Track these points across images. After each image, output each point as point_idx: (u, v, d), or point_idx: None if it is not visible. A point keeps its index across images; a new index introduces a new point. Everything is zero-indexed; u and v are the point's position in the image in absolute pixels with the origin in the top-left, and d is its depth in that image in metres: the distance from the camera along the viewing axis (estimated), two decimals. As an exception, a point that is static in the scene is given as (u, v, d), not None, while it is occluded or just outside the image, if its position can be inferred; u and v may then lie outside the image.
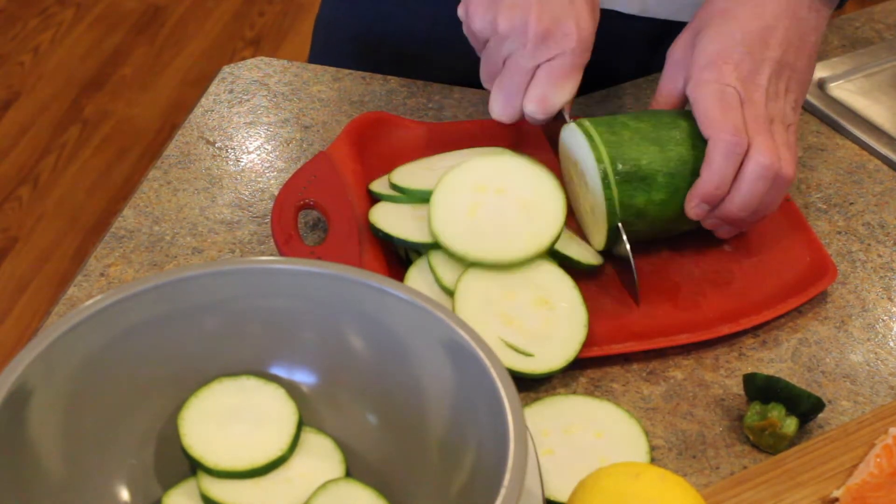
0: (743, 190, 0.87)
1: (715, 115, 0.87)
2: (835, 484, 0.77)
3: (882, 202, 1.01)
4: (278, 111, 1.07)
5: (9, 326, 2.17)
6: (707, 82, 0.89)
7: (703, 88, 0.89)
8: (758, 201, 0.88)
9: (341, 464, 0.73)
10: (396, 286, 0.70)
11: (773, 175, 0.87)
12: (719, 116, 0.87)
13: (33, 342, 0.66)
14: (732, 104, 0.88)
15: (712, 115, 0.87)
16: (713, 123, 0.87)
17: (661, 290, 0.91)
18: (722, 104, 0.88)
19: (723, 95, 0.88)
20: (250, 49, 2.80)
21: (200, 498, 0.71)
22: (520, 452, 0.62)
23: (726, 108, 0.88)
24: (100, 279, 0.91)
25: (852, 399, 0.85)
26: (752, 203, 0.88)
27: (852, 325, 0.91)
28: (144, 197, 0.98)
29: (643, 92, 1.11)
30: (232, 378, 0.74)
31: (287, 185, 0.92)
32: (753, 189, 0.87)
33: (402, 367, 0.72)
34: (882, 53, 1.16)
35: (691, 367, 0.87)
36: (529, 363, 0.82)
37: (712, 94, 0.88)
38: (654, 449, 0.81)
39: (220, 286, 0.72)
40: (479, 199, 0.87)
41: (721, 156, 0.86)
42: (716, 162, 0.87)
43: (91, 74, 2.72)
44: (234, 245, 0.94)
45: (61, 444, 0.68)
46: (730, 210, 0.88)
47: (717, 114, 0.87)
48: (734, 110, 0.88)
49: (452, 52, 1.03)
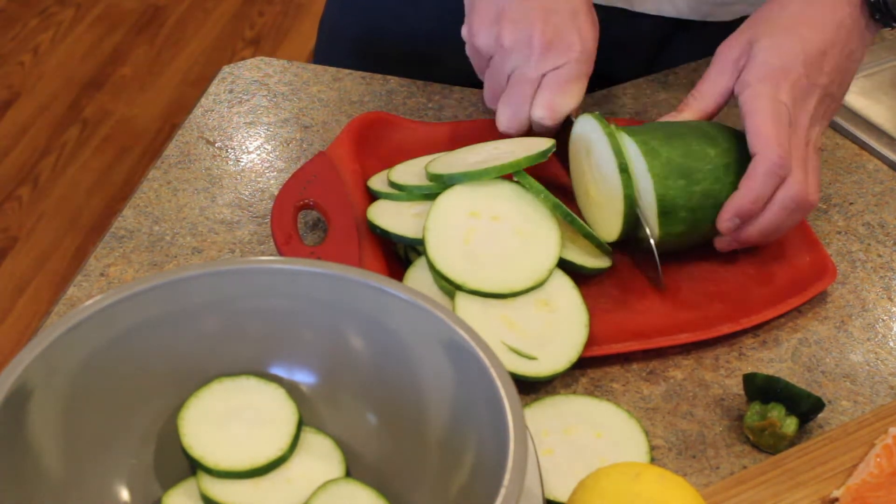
0: (768, 216, 0.88)
1: (768, 132, 0.87)
2: (835, 484, 0.77)
3: (882, 202, 1.01)
4: (278, 111, 1.07)
5: (9, 326, 2.17)
6: (763, 96, 0.88)
7: (760, 101, 0.88)
8: (777, 228, 0.89)
9: (341, 464, 0.73)
10: (396, 286, 0.70)
11: (799, 207, 0.88)
12: (772, 134, 0.87)
13: (33, 342, 0.66)
14: (784, 123, 0.88)
15: (765, 132, 0.87)
16: (765, 140, 0.87)
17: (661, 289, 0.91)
18: (775, 121, 0.87)
19: (777, 113, 0.88)
20: (250, 49, 2.80)
21: (200, 498, 0.71)
22: (520, 452, 0.62)
23: (779, 126, 0.87)
24: (100, 279, 0.91)
25: (852, 399, 0.85)
26: (773, 229, 0.89)
27: (852, 325, 0.91)
28: (144, 197, 0.98)
29: (643, 92, 1.11)
30: (232, 378, 0.74)
31: (287, 185, 0.92)
32: (778, 217, 0.88)
33: (402, 367, 0.72)
34: (882, 53, 1.16)
35: (691, 367, 0.87)
36: (532, 366, 0.82)
37: (768, 110, 0.88)
38: (654, 449, 0.81)
39: (220, 286, 0.72)
40: (473, 225, 0.87)
41: (765, 174, 0.86)
42: (759, 179, 0.87)
43: (91, 74, 2.71)
44: (234, 245, 0.94)
45: (61, 443, 0.68)
46: (750, 233, 0.89)
47: (771, 131, 0.87)
48: (784, 130, 0.88)
49: (453, 53, 1.03)
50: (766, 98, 0.88)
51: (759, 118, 0.88)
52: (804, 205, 0.88)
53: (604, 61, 0.97)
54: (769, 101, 0.88)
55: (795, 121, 0.89)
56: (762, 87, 0.88)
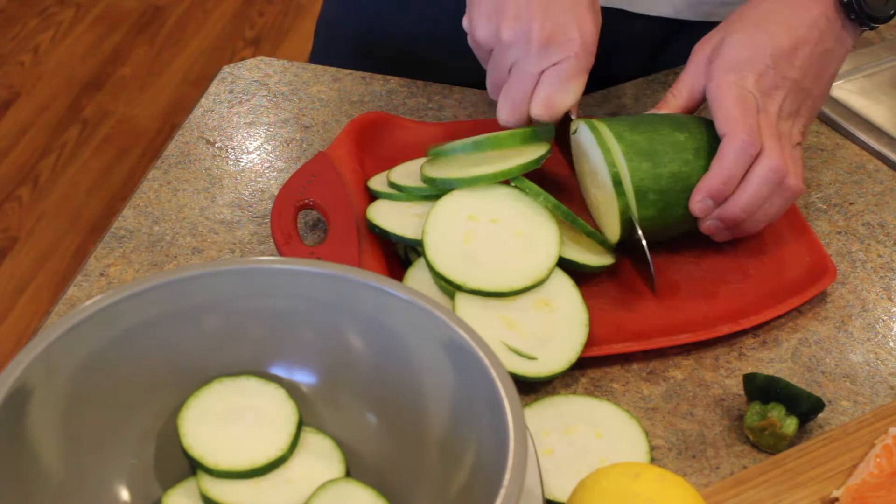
0: (749, 190, 0.88)
1: (735, 115, 0.88)
2: (835, 484, 0.77)
3: (882, 202, 1.01)
4: (278, 111, 1.07)
5: (9, 326, 2.17)
6: (730, 84, 0.90)
7: (726, 89, 0.90)
8: (761, 204, 0.89)
9: (341, 464, 0.73)
10: (396, 286, 0.70)
11: (780, 179, 0.88)
12: (738, 116, 0.88)
13: (33, 342, 0.66)
14: (751, 108, 0.89)
15: (732, 115, 0.88)
16: (731, 122, 0.88)
17: (661, 289, 0.91)
18: (741, 105, 0.89)
19: (743, 98, 0.89)
20: (250, 49, 2.80)
21: (200, 498, 0.71)
22: (520, 452, 0.62)
23: (745, 110, 0.89)
24: (100, 279, 0.91)
25: (852, 399, 0.85)
26: (756, 205, 0.89)
27: (852, 325, 0.91)
28: (144, 197, 0.98)
29: (643, 92, 1.11)
30: (232, 378, 0.74)
31: (287, 185, 0.92)
32: (759, 191, 0.88)
33: (402, 367, 0.72)
34: (882, 53, 1.16)
35: (691, 367, 0.87)
36: (532, 366, 0.82)
37: (734, 96, 0.89)
38: (654, 449, 0.81)
39: (220, 286, 0.72)
40: (472, 228, 0.87)
41: (734, 153, 0.87)
42: (728, 158, 0.87)
43: (91, 74, 2.71)
44: (234, 245, 0.94)
45: (61, 443, 0.68)
46: (732, 210, 0.89)
47: (737, 113, 0.88)
48: (752, 114, 0.89)
49: (453, 53, 1.03)
50: (731, 86, 0.90)
51: (726, 103, 0.89)
52: (784, 177, 0.88)
53: (603, 62, 0.97)
54: (735, 89, 0.89)
55: (764, 108, 0.90)
56: (728, 76, 0.90)
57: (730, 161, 0.87)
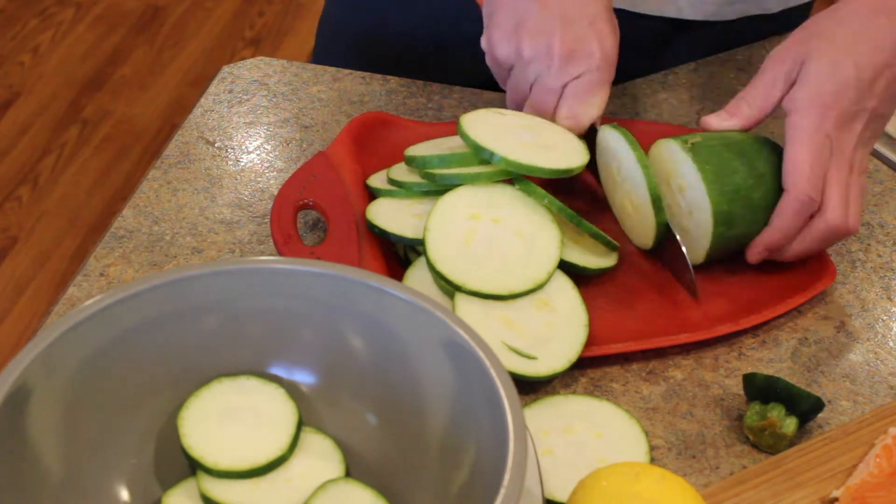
0: (805, 244, 0.89)
1: (803, 169, 0.87)
2: (835, 484, 0.77)
3: (882, 202, 1.01)
4: (278, 111, 1.07)
5: (9, 326, 2.17)
6: (808, 127, 0.87)
7: (803, 132, 0.87)
8: (811, 253, 0.91)
9: (341, 464, 0.73)
10: (396, 286, 0.70)
11: (836, 238, 0.89)
12: (806, 171, 0.87)
13: (33, 342, 0.66)
14: (823, 157, 0.88)
15: (801, 169, 0.87)
16: (797, 177, 0.87)
17: (660, 289, 0.91)
18: (814, 156, 0.87)
19: (818, 149, 0.87)
20: (250, 49, 2.80)
21: (200, 498, 0.71)
22: (520, 452, 0.62)
23: (815, 162, 0.87)
24: (100, 279, 0.91)
25: (852, 399, 0.85)
26: (809, 254, 0.90)
27: (852, 325, 0.91)
28: (144, 197, 0.98)
29: (643, 92, 1.11)
30: (232, 378, 0.74)
31: (286, 185, 0.92)
32: (814, 245, 0.89)
33: (402, 367, 0.72)
34: (882, 53, 1.15)
35: (691, 367, 0.87)
36: (532, 366, 0.82)
37: (808, 143, 0.87)
38: (654, 449, 0.81)
39: (220, 286, 0.72)
40: (473, 227, 0.86)
41: (794, 213, 0.88)
42: (787, 217, 0.88)
43: (91, 74, 2.71)
44: (234, 245, 0.94)
45: (61, 444, 0.68)
46: (785, 256, 0.91)
47: (806, 168, 0.87)
48: (822, 164, 0.87)
49: (453, 53, 1.03)
50: (810, 129, 0.87)
51: (799, 151, 0.87)
52: (841, 234, 0.89)
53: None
54: (813, 133, 0.87)
55: (839, 147, 0.88)
56: (809, 114, 0.88)
57: (789, 219, 0.88)
